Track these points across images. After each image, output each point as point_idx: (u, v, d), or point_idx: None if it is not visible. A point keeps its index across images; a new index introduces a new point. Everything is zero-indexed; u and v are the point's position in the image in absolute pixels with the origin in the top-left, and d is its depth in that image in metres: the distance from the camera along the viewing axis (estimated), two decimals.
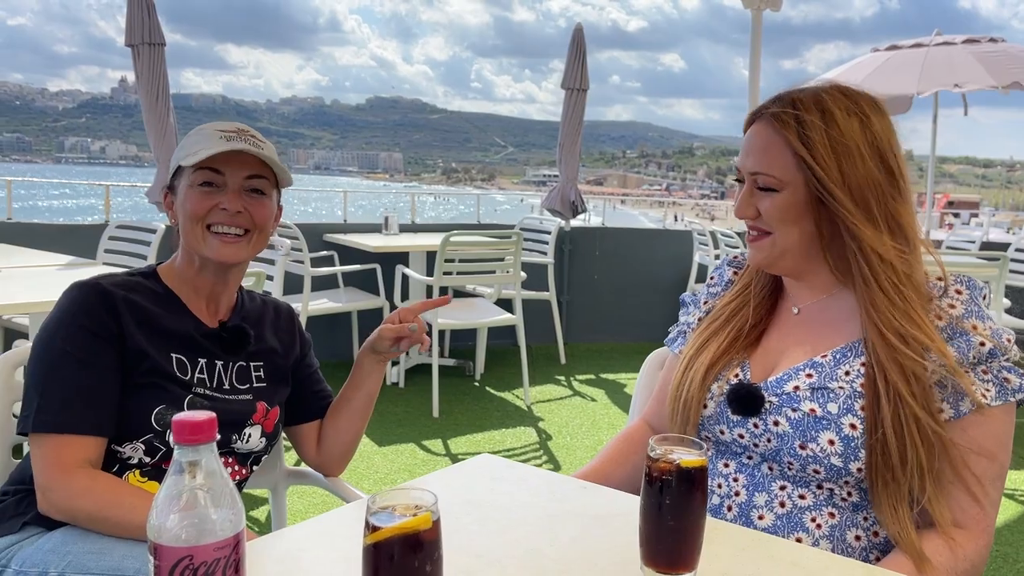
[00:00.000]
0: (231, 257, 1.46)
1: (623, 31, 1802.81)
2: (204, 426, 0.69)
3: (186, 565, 0.67)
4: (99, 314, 1.36)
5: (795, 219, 1.25)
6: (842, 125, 1.21)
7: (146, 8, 4.77)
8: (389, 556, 0.75)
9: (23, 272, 3.35)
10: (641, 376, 1.73)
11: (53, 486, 1.29)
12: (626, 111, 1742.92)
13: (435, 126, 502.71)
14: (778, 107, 1.25)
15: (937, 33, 5.90)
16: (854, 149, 1.21)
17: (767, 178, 1.26)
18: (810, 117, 1.22)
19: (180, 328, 1.45)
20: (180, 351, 1.44)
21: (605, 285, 6.56)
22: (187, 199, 1.44)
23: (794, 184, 1.24)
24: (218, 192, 1.44)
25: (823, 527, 1.22)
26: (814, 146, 1.21)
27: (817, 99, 1.24)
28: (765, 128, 1.27)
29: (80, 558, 1.25)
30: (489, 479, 1.29)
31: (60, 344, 1.34)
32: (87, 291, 1.38)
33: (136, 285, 1.45)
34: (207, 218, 1.44)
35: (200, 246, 1.45)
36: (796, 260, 1.29)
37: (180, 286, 1.50)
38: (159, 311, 1.44)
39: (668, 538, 0.95)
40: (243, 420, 1.49)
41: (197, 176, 1.44)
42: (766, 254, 1.30)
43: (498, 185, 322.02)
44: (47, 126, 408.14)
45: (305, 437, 1.67)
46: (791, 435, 1.23)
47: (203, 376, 1.46)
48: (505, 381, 5.26)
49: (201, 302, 1.51)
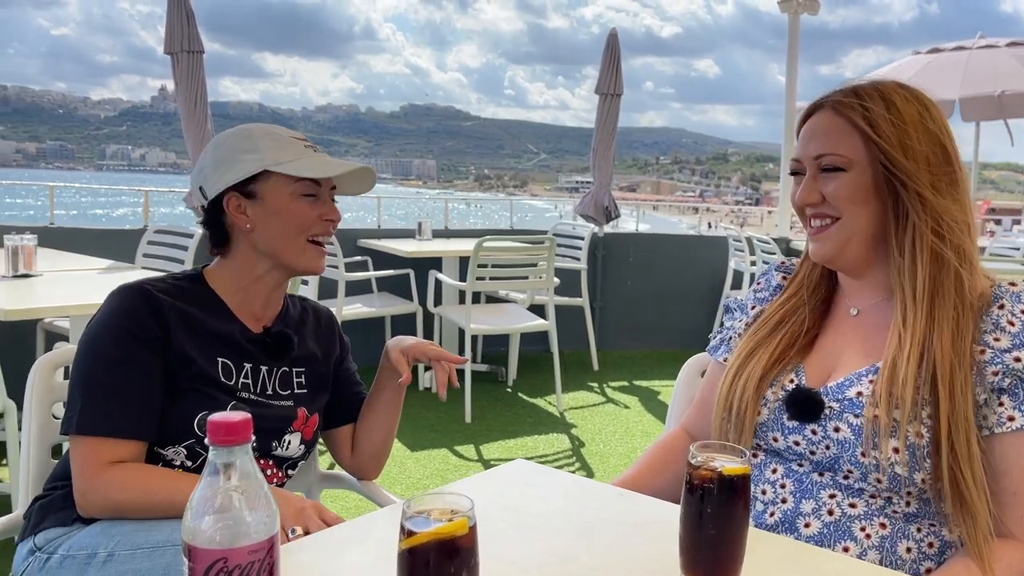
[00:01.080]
0: (320, 267, 1.49)
1: (657, 37, 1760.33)
2: (239, 427, 0.68)
3: (220, 568, 0.66)
4: (145, 318, 1.35)
5: (864, 199, 1.24)
6: (902, 109, 1.22)
7: (185, 16, 4.84)
8: (425, 562, 0.74)
9: (64, 276, 3.40)
10: (679, 383, 1.70)
11: (90, 487, 1.30)
12: (660, 117, 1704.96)
13: (468, 133, 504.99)
14: (840, 96, 1.26)
15: (980, 36, 5.79)
16: (913, 131, 1.21)
17: (833, 158, 1.24)
18: (871, 103, 1.23)
19: (226, 332, 1.44)
20: (226, 355, 1.43)
21: (639, 291, 6.51)
22: (291, 209, 1.43)
23: (861, 163, 1.23)
24: (317, 202, 1.46)
25: (872, 537, 1.18)
26: (878, 124, 1.21)
27: (877, 88, 1.25)
28: (827, 115, 1.27)
29: (128, 536, 1.26)
30: (524, 484, 1.27)
31: (105, 347, 1.34)
32: (133, 295, 1.38)
33: (182, 289, 1.43)
34: (311, 228, 1.45)
35: (298, 257, 1.45)
36: (863, 248, 1.26)
37: (228, 291, 1.48)
38: (205, 315, 1.43)
39: (709, 547, 0.92)
40: (284, 427, 1.49)
41: (300, 187, 1.43)
42: (833, 243, 1.27)
43: (530, 191, 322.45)
44: (89, 134, 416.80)
45: (342, 440, 1.67)
46: (853, 442, 1.19)
47: (247, 381, 1.45)
48: (538, 387, 5.24)
49: (250, 307, 1.49)
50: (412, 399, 4.78)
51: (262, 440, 1.45)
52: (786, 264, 1.48)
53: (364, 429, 1.65)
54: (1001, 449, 1.15)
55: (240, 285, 1.48)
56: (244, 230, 1.43)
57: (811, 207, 1.28)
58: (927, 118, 1.23)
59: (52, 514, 1.36)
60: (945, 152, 1.22)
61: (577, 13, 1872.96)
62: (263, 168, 1.41)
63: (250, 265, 1.47)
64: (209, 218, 1.47)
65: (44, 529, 1.35)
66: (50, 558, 1.30)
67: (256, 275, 1.47)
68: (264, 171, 1.41)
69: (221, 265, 1.49)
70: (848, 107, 1.24)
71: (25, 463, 1.49)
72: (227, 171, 1.42)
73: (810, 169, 1.27)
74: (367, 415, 1.66)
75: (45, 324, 3.92)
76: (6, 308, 2.56)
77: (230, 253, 1.47)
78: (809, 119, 1.29)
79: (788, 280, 1.44)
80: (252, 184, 1.42)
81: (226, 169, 1.42)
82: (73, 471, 1.32)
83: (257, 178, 1.42)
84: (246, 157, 1.42)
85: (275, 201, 1.42)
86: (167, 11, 4.87)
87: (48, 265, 3.46)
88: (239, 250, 1.46)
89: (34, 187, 18.09)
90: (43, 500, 1.40)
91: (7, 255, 3.22)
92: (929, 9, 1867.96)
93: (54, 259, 3.77)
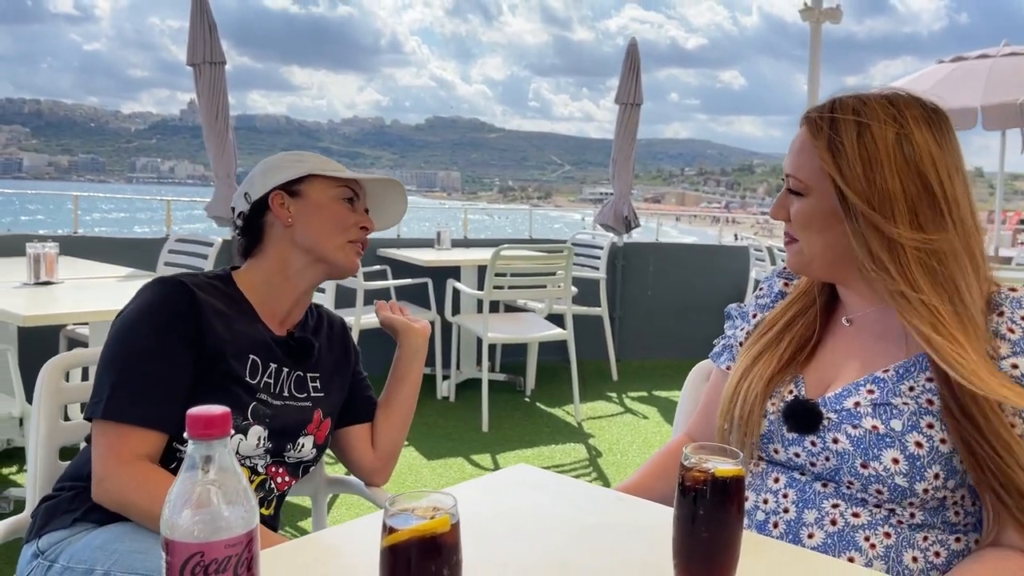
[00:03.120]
0: (357, 266, 1.57)
1: (682, 48, 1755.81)
2: (218, 421, 0.68)
3: (197, 562, 0.66)
4: (182, 312, 1.38)
5: (819, 228, 1.21)
6: (876, 133, 1.15)
7: (207, 28, 4.90)
8: (406, 559, 0.73)
9: (84, 283, 3.45)
10: (685, 389, 1.68)
11: (109, 475, 1.31)
12: (684, 128, 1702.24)
13: (493, 145, 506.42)
14: (817, 112, 1.21)
15: (1005, 44, 5.72)
16: (884, 160, 1.14)
17: (795, 181, 1.23)
18: (845, 124, 1.17)
19: (254, 332, 1.48)
20: (256, 353, 1.46)
21: (658, 301, 6.48)
22: (332, 208, 1.51)
23: (819, 190, 1.20)
24: (354, 210, 1.55)
25: (877, 547, 1.15)
26: (842, 153, 1.16)
27: (858, 105, 1.18)
28: (803, 132, 1.23)
29: (126, 557, 1.27)
30: (524, 488, 1.26)
31: (139, 337, 1.37)
32: (171, 288, 1.40)
33: (214, 288, 1.47)
34: (349, 231, 1.52)
35: (336, 253, 1.52)
36: (829, 269, 1.25)
37: (257, 293, 1.51)
38: (234, 314, 1.46)
39: (702, 550, 0.91)
40: (298, 430, 1.50)
41: (340, 191, 1.53)
42: (795, 260, 1.27)
43: (554, 203, 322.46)
44: (120, 147, 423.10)
45: (354, 439, 1.68)
46: (852, 453, 1.17)
47: (269, 381, 1.47)
48: (555, 397, 5.22)
49: (276, 310, 1.53)
50: (429, 407, 4.79)
51: (277, 442, 1.46)
52: (788, 270, 1.46)
53: (386, 422, 1.68)
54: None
55: (270, 283, 1.52)
56: (285, 224, 1.50)
57: (781, 221, 1.27)
58: (906, 145, 1.15)
59: (57, 516, 1.38)
60: (924, 182, 1.14)
61: (602, 25, 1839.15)
62: (309, 172, 1.51)
63: (285, 262, 1.51)
64: (249, 219, 1.53)
65: (48, 532, 1.36)
66: (51, 566, 1.31)
67: (290, 273, 1.52)
68: (310, 175, 1.51)
69: (251, 267, 1.54)
70: (818, 129, 1.19)
71: (32, 464, 1.51)
72: (275, 175, 1.52)
73: (784, 184, 1.26)
74: (385, 406, 1.70)
75: (67, 332, 3.97)
76: (25, 314, 2.60)
77: (263, 251, 1.53)
78: (800, 129, 1.27)
79: (789, 286, 1.42)
80: (297, 184, 1.51)
81: (273, 174, 1.52)
82: (94, 456, 1.33)
83: (302, 180, 1.51)
84: (294, 165, 1.53)
85: (318, 200, 1.51)
86: (190, 23, 4.94)
87: (69, 273, 3.51)
88: (275, 246, 1.52)
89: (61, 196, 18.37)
90: (50, 501, 1.41)
91: (29, 263, 3.27)
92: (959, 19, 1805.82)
93: (75, 267, 3.82)
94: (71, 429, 1.58)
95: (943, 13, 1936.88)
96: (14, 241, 4.18)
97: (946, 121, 1.20)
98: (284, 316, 1.55)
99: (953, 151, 1.18)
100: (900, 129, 1.16)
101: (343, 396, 1.65)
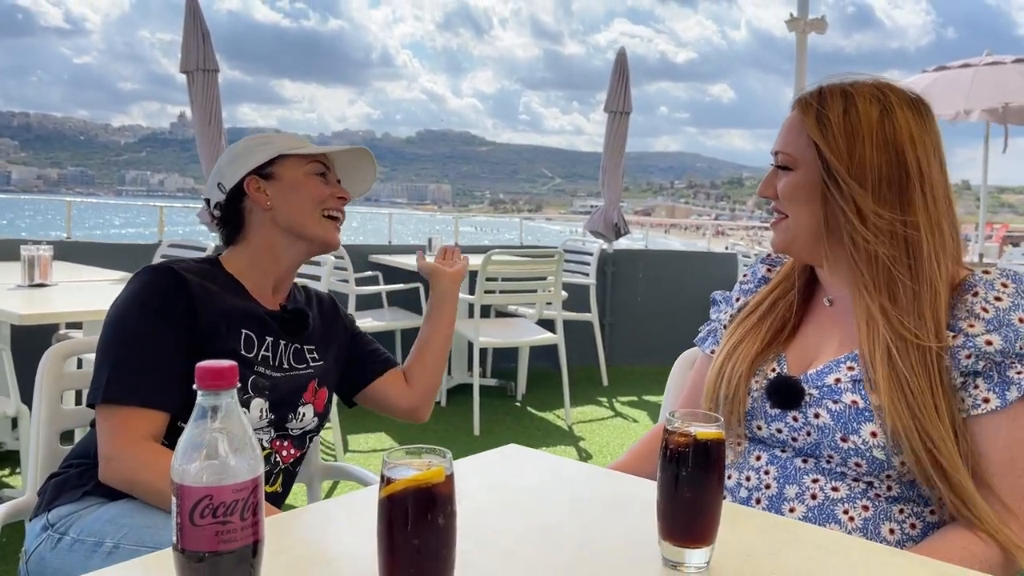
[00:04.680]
0: (337, 241, 1.60)
1: (671, 62, 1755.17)
2: (226, 372, 0.72)
3: (206, 505, 0.70)
4: (172, 294, 1.41)
5: (805, 199, 1.26)
6: (860, 109, 1.22)
7: (200, 36, 4.95)
8: (403, 509, 0.77)
9: (78, 285, 3.47)
10: (672, 376, 1.73)
11: (118, 455, 1.34)
12: (674, 142, 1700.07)
13: (483, 158, 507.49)
14: (806, 94, 1.28)
15: (987, 53, 5.82)
16: (867, 134, 1.21)
17: (784, 156, 1.29)
18: (831, 101, 1.24)
19: (248, 307, 1.52)
20: (250, 327, 1.49)
21: (648, 307, 6.53)
22: (307, 184, 1.55)
23: (806, 164, 1.26)
24: (328, 182, 1.58)
25: (856, 520, 1.20)
26: (828, 126, 1.22)
27: (845, 86, 1.26)
28: (794, 112, 1.30)
29: (135, 531, 1.30)
30: (515, 466, 1.30)
31: (132, 322, 1.40)
32: (161, 273, 1.44)
33: (203, 270, 1.51)
34: (325, 203, 1.56)
35: (316, 228, 1.56)
36: (813, 243, 1.29)
37: (245, 273, 1.56)
38: (225, 293, 1.50)
39: (685, 511, 0.95)
40: (297, 399, 1.55)
41: (312, 167, 1.56)
42: (782, 236, 1.32)
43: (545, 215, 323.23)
44: (109, 160, 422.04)
45: (387, 386, 1.74)
46: (832, 427, 1.21)
47: (267, 354, 1.51)
48: (546, 402, 5.26)
49: (266, 287, 1.57)
50: None
51: (279, 412, 1.51)
52: (772, 257, 1.51)
53: (420, 364, 1.76)
54: (980, 431, 1.17)
55: (257, 264, 1.56)
56: (264, 208, 1.54)
57: (768, 199, 1.32)
58: (888, 122, 1.21)
59: (67, 491, 1.41)
60: (901, 160, 1.21)
61: (592, 39, 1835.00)
62: (278, 153, 1.54)
63: (269, 242, 1.55)
64: (227, 208, 1.56)
65: (58, 506, 1.39)
66: (61, 539, 1.34)
67: (276, 252, 1.56)
68: (279, 156, 1.54)
69: (236, 251, 1.58)
70: (807, 106, 1.26)
71: (35, 447, 1.54)
72: (245, 161, 1.55)
73: (773, 163, 1.32)
74: (419, 349, 1.78)
75: (60, 336, 3.99)
76: (21, 313, 2.63)
77: (246, 237, 1.56)
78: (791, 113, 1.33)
79: (772, 272, 1.47)
80: (269, 167, 1.54)
81: (243, 160, 1.55)
82: (100, 439, 1.36)
83: (273, 162, 1.55)
84: (261, 148, 1.56)
85: (292, 178, 1.55)
86: (183, 31, 4.99)
87: (64, 276, 3.53)
88: (258, 231, 1.55)
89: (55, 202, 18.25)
90: (58, 477, 1.44)
91: (23, 265, 3.30)
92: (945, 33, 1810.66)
93: (70, 271, 3.85)
94: (70, 414, 1.61)
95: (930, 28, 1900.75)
96: (8, 246, 4.20)
97: (928, 109, 1.27)
98: (274, 291, 1.59)
99: (933, 134, 1.25)
100: (884, 108, 1.22)
101: (340, 367, 1.69)
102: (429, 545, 0.77)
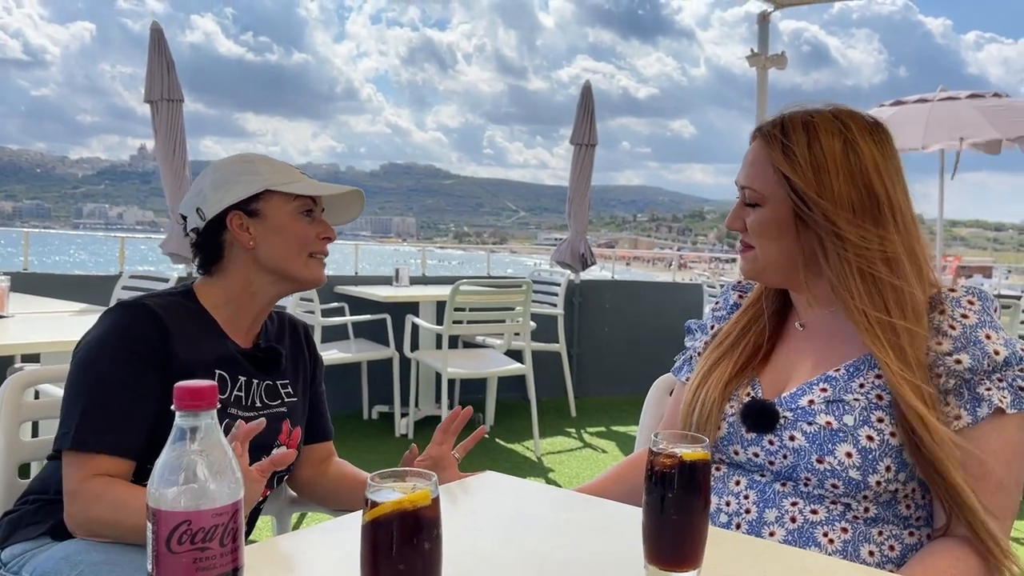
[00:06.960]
0: (323, 278, 1.55)
1: (633, 98, 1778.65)
2: (205, 392, 0.69)
3: (184, 531, 0.67)
4: (147, 337, 1.37)
5: (776, 235, 1.28)
6: (824, 143, 1.24)
7: (165, 66, 4.91)
8: (388, 533, 0.75)
9: (36, 317, 3.38)
10: (647, 404, 1.72)
11: (71, 500, 1.30)
12: (637, 176, 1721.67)
13: (448, 191, 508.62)
14: (769, 126, 1.29)
15: (942, 89, 6.00)
16: (832, 168, 1.22)
17: (751, 192, 1.30)
18: (795, 134, 1.25)
19: (221, 347, 1.47)
20: (223, 368, 1.45)
21: (615, 338, 6.54)
22: (293, 226, 1.48)
23: (775, 199, 1.27)
24: (314, 221, 1.52)
25: (836, 542, 1.19)
26: (795, 161, 1.23)
27: (806, 118, 1.27)
28: (757, 145, 1.31)
29: (92, 569, 1.25)
30: (493, 492, 1.28)
31: (105, 365, 1.35)
32: (134, 312, 1.39)
33: (178, 305, 1.45)
34: (312, 245, 1.50)
35: (301, 269, 1.50)
36: (782, 275, 1.31)
37: (219, 307, 1.49)
38: (199, 330, 1.45)
39: (671, 534, 0.94)
40: (271, 441, 1.50)
41: (299, 204, 1.49)
42: (751, 265, 1.33)
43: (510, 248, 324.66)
44: (66, 193, 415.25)
45: (309, 451, 1.67)
46: (808, 449, 1.21)
47: (240, 394, 1.47)
48: (515, 432, 5.22)
49: (241, 323, 1.52)
50: (388, 445, 4.74)
51: (253, 456, 1.45)
52: (742, 283, 1.52)
53: (335, 491, 1.68)
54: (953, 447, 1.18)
55: (233, 300, 1.50)
56: (246, 247, 1.47)
57: (736, 231, 1.33)
58: (852, 154, 1.23)
59: (21, 528, 1.35)
60: (869, 189, 1.23)
61: (556, 75, 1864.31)
62: (265, 188, 1.47)
63: (247, 280, 1.49)
64: (206, 236, 1.49)
65: (11, 544, 1.33)
66: None
67: (253, 290, 1.50)
68: (266, 191, 1.47)
69: (211, 283, 1.51)
70: (771, 140, 1.27)
71: None
72: (229, 190, 1.47)
73: (739, 196, 1.33)
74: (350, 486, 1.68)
75: (14, 368, 3.87)
76: None
77: (224, 271, 1.50)
78: (751, 144, 1.34)
79: (743, 298, 1.48)
80: (254, 203, 1.47)
81: (227, 189, 1.47)
82: (65, 487, 1.31)
83: (259, 197, 1.47)
84: (247, 178, 1.47)
85: (277, 219, 1.48)
86: (148, 60, 4.94)
87: (20, 308, 3.44)
88: (236, 266, 1.49)
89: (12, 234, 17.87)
90: (12, 515, 1.39)
91: None
92: (897, 72, 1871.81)
93: (26, 303, 3.74)
94: (28, 447, 1.55)
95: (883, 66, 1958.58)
96: None
97: (887, 134, 1.30)
98: (247, 329, 1.54)
99: (894, 160, 1.27)
100: (846, 140, 1.24)
101: (307, 402, 1.64)
102: (415, 569, 0.74)
